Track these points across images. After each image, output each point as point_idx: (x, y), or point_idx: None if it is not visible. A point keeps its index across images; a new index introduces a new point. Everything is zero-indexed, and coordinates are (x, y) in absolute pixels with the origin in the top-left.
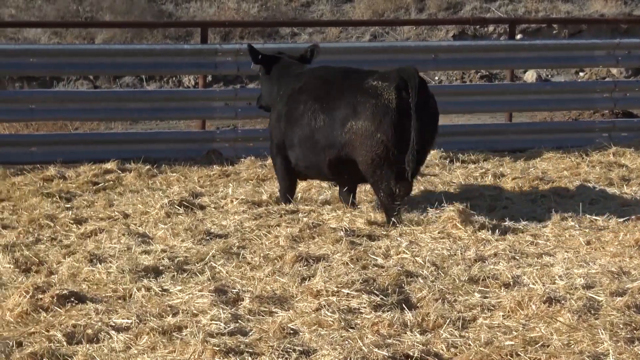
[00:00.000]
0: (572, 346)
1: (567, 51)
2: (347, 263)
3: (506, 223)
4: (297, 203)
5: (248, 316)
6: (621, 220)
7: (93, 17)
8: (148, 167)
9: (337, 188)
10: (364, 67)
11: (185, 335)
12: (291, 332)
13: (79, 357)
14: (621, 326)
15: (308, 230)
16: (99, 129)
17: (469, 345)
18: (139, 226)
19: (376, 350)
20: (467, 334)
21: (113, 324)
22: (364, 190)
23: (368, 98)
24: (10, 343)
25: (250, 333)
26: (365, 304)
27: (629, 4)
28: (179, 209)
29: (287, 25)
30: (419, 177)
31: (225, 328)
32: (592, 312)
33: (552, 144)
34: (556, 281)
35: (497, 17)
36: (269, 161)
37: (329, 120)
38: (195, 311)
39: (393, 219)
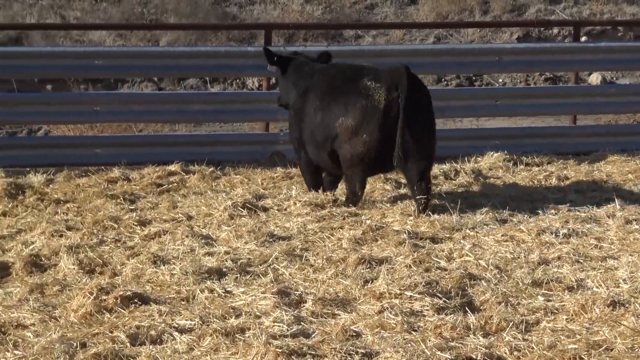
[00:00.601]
0: (636, 350)
1: (632, 53)
2: (410, 266)
3: (570, 226)
4: (360, 206)
5: (311, 318)
6: None
7: (157, 20)
8: (212, 169)
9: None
10: (428, 69)
11: (248, 336)
12: (354, 334)
13: (142, 358)
14: None
15: (371, 233)
16: (163, 130)
17: (532, 348)
18: (203, 228)
19: (439, 353)
20: (530, 337)
21: (176, 325)
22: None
23: (359, 99)
24: (74, 344)
25: (313, 335)
26: (428, 306)
27: None
28: (242, 211)
29: (350, 27)
30: (480, 178)
31: (287, 330)
32: None
33: (617, 146)
34: (620, 284)
35: (562, 19)
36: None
37: (327, 117)
38: (258, 313)
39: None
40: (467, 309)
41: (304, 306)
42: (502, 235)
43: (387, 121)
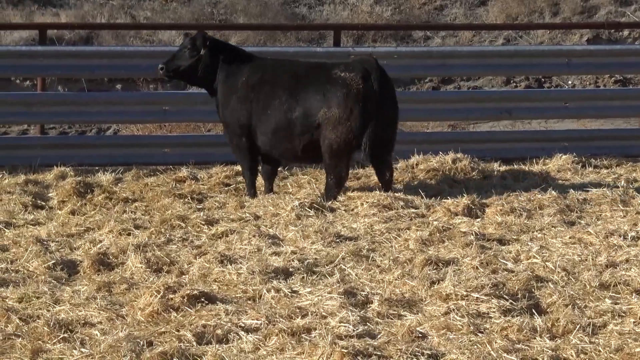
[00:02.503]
0: None
1: None
2: (476, 267)
3: (638, 229)
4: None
5: (377, 319)
6: None
7: (227, 20)
8: (279, 169)
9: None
10: (497, 71)
11: (314, 337)
12: (420, 335)
13: (208, 357)
14: None
15: (438, 234)
16: None
17: (599, 351)
18: (270, 228)
19: (505, 355)
20: (597, 340)
21: (242, 325)
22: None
23: (338, 88)
24: (141, 342)
25: (379, 336)
26: (494, 308)
27: None
28: (309, 211)
29: (419, 28)
30: (549, 180)
31: (353, 330)
32: None
33: None
34: None
35: (632, 21)
36: (400, 164)
37: (303, 108)
38: (324, 313)
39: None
40: (533, 311)
41: (370, 307)
42: (569, 238)
43: (367, 108)
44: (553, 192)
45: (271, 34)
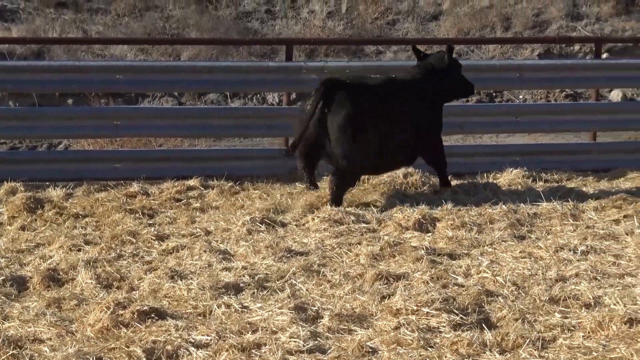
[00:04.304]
0: None
1: None
2: (427, 282)
3: (588, 243)
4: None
5: (327, 334)
6: None
7: (179, 34)
8: (231, 184)
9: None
10: None
11: (264, 352)
12: (370, 350)
13: None
14: None
15: (389, 249)
16: (182, 145)
17: None
18: (221, 243)
19: None
20: (546, 354)
21: (193, 341)
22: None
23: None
24: (91, 358)
25: (329, 351)
26: (444, 323)
27: None
28: (260, 226)
29: (372, 43)
30: (499, 194)
31: (304, 346)
32: None
33: (637, 164)
34: (638, 302)
35: (583, 35)
36: None
37: None
38: (274, 328)
39: None
40: (483, 325)
41: (320, 322)
42: (520, 252)
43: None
44: (504, 206)
45: (223, 49)
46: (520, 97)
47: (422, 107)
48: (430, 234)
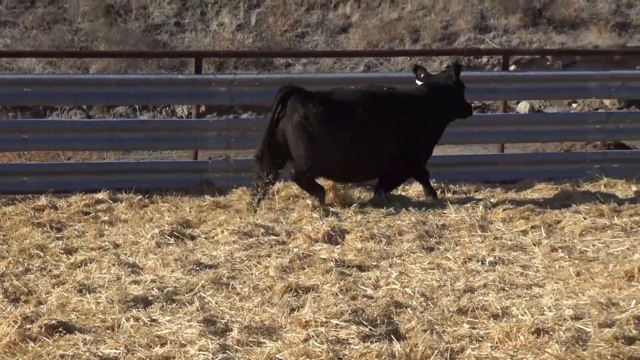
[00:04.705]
0: None
1: (560, 82)
2: (336, 294)
3: (496, 254)
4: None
5: (236, 346)
6: (611, 251)
7: (88, 47)
8: (139, 197)
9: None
10: None
11: None
12: None
13: None
14: (609, 357)
15: (298, 261)
16: (91, 158)
17: None
18: (129, 256)
19: None
20: None
21: (101, 354)
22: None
23: None
24: None
25: None
26: (353, 334)
27: (623, 36)
28: (169, 239)
29: (281, 55)
30: (408, 206)
31: (213, 358)
32: (580, 343)
33: (544, 175)
34: (545, 312)
35: (491, 48)
36: None
37: None
38: (183, 341)
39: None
40: (392, 337)
41: (229, 335)
42: (428, 263)
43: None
44: (412, 218)
45: (132, 62)
46: None
47: (408, 122)
48: (339, 246)
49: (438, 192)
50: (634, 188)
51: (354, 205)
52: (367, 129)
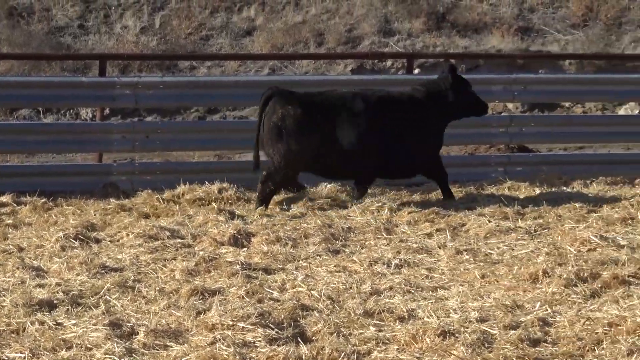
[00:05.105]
0: None
1: None
2: (242, 297)
3: (402, 257)
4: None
5: (142, 350)
6: (515, 254)
7: None
8: (44, 200)
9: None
10: (258, 100)
11: None
12: None
13: None
14: (514, 359)
15: (204, 264)
16: None
17: None
18: (34, 260)
19: None
20: None
21: (6, 358)
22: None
23: None
24: None
25: None
26: (260, 337)
27: (526, 40)
28: (74, 243)
29: (185, 58)
30: (315, 209)
31: None
32: (486, 345)
33: (449, 178)
34: (451, 314)
35: (395, 51)
36: (166, 194)
37: None
38: (89, 345)
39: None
40: (299, 339)
41: (135, 338)
42: (334, 266)
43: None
44: (318, 220)
45: (36, 64)
46: None
47: (393, 124)
48: (245, 248)
49: (343, 195)
50: (537, 191)
51: (259, 208)
52: (346, 131)
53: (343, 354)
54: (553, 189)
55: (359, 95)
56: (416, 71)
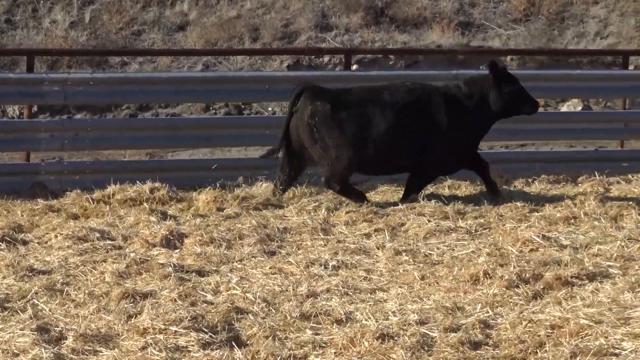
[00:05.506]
0: None
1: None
2: (175, 300)
3: (339, 258)
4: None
5: (71, 355)
6: (456, 254)
7: None
8: None
9: None
10: (196, 97)
11: None
12: None
13: None
14: None
15: (135, 266)
16: None
17: None
18: None
19: None
20: None
21: None
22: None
23: None
24: None
25: None
26: (193, 342)
27: (466, 35)
28: (0, 245)
29: (116, 54)
30: (250, 209)
31: None
32: (426, 348)
33: (387, 177)
34: (389, 317)
35: (333, 47)
36: (96, 194)
37: None
38: (16, 351)
39: None
40: (233, 343)
41: (64, 343)
42: (270, 268)
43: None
44: (253, 221)
45: None
46: (270, 109)
47: (428, 120)
48: (178, 250)
49: (281, 195)
50: (478, 190)
51: (192, 208)
52: (380, 127)
53: (279, 358)
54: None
55: (390, 90)
56: (354, 67)
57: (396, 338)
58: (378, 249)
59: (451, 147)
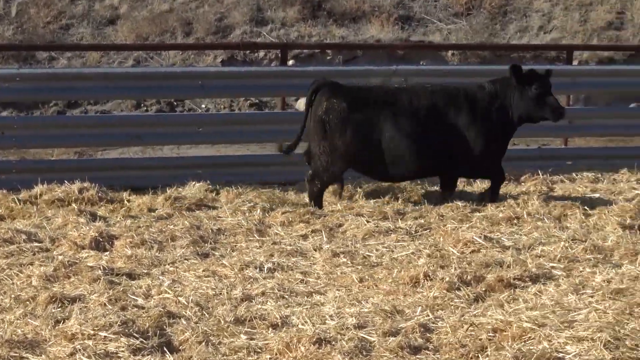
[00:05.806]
0: None
1: (341, 77)
2: (104, 304)
3: (275, 260)
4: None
5: None
6: (395, 256)
7: None
8: None
9: None
10: (127, 94)
11: None
12: None
13: None
14: None
15: (63, 269)
16: None
17: None
18: None
19: None
20: None
21: None
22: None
23: None
24: None
25: None
26: (123, 347)
27: (406, 29)
28: None
29: (44, 49)
30: (182, 209)
31: None
32: (364, 353)
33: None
34: (327, 321)
35: (269, 42)
36: (22, 195)
37: None
38: None
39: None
40: (165, 349)
41: None
42: (203, 271)
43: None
44: (186, 222)
45: None
46: (203, 106)
47: (448, 122)
48: (107, 252)
49: (214, 194)
50: (419, 191)
51: (123, 209)
52: (398, 126)
53: None
54: (435, 187)
55: (409, 90)
56: (290, 62)
57: (333, 343)
58: (315, 250)
59: (463, 150)
